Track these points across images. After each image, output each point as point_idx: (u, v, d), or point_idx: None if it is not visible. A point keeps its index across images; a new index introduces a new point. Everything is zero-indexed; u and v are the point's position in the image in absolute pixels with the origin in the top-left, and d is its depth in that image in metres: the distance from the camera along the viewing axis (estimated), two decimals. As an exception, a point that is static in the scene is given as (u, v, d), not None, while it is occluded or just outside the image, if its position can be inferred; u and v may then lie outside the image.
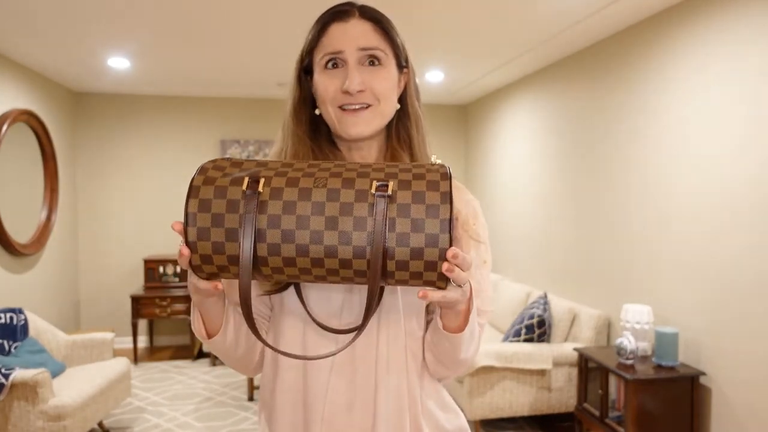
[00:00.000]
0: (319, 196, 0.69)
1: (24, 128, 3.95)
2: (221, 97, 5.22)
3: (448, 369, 0.91)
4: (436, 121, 5.62)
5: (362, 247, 0.67)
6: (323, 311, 0.87)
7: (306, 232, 0.68)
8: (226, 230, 0.69)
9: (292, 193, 0.69)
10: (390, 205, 0.68)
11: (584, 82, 3.55)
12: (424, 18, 3.01)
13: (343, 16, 0.87)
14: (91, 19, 2.99)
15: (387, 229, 0.67)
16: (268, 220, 0.68)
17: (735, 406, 2.44)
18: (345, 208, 0.68)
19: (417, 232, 0.67)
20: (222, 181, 0.71)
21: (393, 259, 0.67)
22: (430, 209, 0.67)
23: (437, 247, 0.67)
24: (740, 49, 2.39)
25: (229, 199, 0.70)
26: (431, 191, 0.68)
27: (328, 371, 0.87)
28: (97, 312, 5.07)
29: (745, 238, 2.36)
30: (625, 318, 2.81)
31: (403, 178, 0.70)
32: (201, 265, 0.71)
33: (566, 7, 2.82)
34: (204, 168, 0.73)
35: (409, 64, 0.93)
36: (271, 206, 0.69)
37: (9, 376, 2.59)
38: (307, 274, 0.70)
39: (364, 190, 0.69)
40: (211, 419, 3.47)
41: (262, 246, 0.68)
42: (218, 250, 0.69)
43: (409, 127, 0.93)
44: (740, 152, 2.39)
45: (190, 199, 0.70)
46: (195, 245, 0.69)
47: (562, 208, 3.83)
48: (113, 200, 5.07)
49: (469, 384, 3.02)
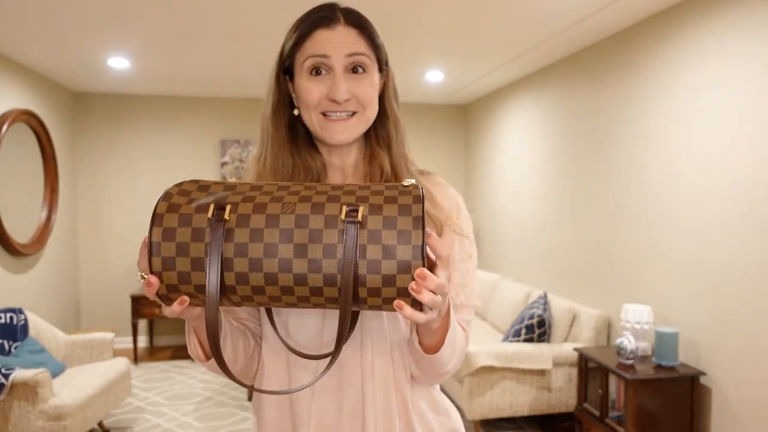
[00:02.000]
0: (287, 223, 0.67)
1: (24, 128, 3.95)
2: (221, 97, 5.22)
3: (434, 380, 0.90)
4: (436, 121, 5.62)
5: (333, 275, 0.66)
6: (302, 337, 0.87)
7: (274, 261, 0.66)
8: (191, 259, 0.67)
9: (259, 220, 0.67)
10: (360, 231, 0.66)
11: (584, 82, 3.55)
12: (424, 18, 3.01)
13: (329, 22, 0.86)
14: (91, 19, 2.99)
15: (357, 256, 0.65)
16: (235, 249, 0.66)
17: (735, 406, 2.44)
18: (314, 235, 0.66)
19: (388, 258, 0.65)
20: (186, 208, 0.69)
21: (365, 286, 0.66)
22: (402, 235, 0.65)
23: (409, 274, 0.65)
24: (741, 49, 2.39)
25: (194, 227, 0.67)
26: (403, 216, 0.66)
27: (310, 393, 0.86)
28: (97, 312, 5.07)
29: (746, 238, 2.36)
30: (625, 318, 2.81)
31: (375, 201, 0.68)
32: (168, 294, 0.69)
33: (566, 7, 2.82)
34: (168, 193, 0.71)
35: (388, 66, 0.93)
36: (238, 234, 0.66)
37: (9, 376, 2.59)
38: (278, 301, 0.69)
39: (333, 215, 0.67)
40: (211, 419, 3.47)
41: (229, 275, 0.66)
42: (184, 280, 0.67)
43: (388, 128, 0.92)
44: (741, 152, 2.39)
45: (153, 227, 0.68)
46: (160, 275, 0.67)
47: (562, 208, 3.83)
48: (113, 200, 5.07)
49: (469, 384, 3.02)
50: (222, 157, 5.20)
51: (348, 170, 0.94)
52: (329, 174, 0.94)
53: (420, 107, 5.49)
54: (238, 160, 5.23)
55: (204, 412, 3.60)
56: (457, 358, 0.87)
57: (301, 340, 0.87)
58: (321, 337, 0.86)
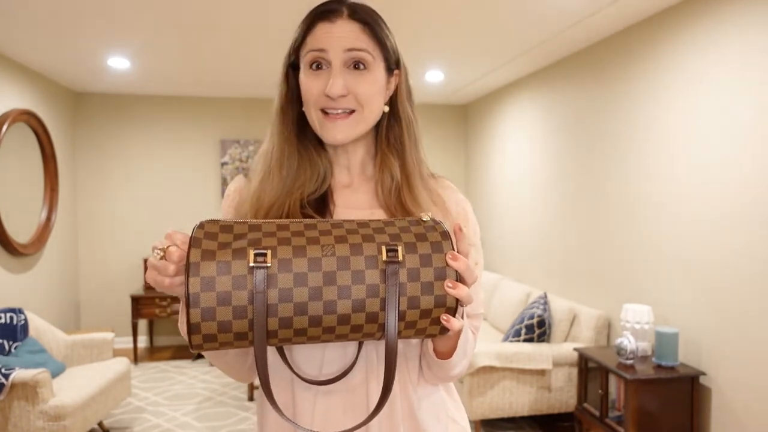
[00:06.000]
0: (330, 266, 0.68)
1: (24, 128, 3.95)
2: (221, 97, 5.22)
3: (442, 381, 0.90)
4: (436, 121, 5.62)
5: (375, 313, 0.69)
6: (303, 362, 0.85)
7: (320, 304, 0.67)
8: (233, 308, 0.65)
9: (302, 264, 0.67)
10: (400, 269, 0.69)
11: (584, 82, 3.55)
12: (424, 18, 3.01)
13: (331, 15, 0.83)
14: (91, 19, 2.99)
15: (399, 293, 0.69)
16: (279, 294, 0.66)
17: (735, 406, 2.44)
18: (357, 276, 0.68)
19: (426, 294, 0.70)
20: (222, 255, 0.66)
21: (403, 320, 0.70)
22: (438, 272, 0.70)
23: (445, 306, 0.71)
24: (741, 50, 2.39)
25: (234, 275, 0.65)
26: (436, 254, 0.71)
27: (314, 395, 0.85)
28: (97, 312, 5.07)
29: (746, 238, 2.36)
30: (625, 318, 2.81)
31: (407, 240, 0.71)
32: (202, 344, 0.67)
33: (566, 7, 2.82)
34: (196, 239, 0.67)
35: (401, 66, 0.91)
36: (281, 280, 0.66)
37: (9, 376, 2.59)
38: (315, 339, 0.70)
39: (373, 255, 0.69)
40: (211, 419, 3.47)
41: (273, 320, 0.66)
42: (225, 329, 0.66)
43: (399, 132, 0.90)
44: (740, 152, 2.39)
45: (190, 278, 0.65)
46: (198, 326, 0.65)
47: (562, 208, 3.83)
48: (113, 200, 5.07)
49: (469, 384, 3.02)
50: (222, 157, 5.20)
51: (354, 169, 0.93)
52: (335, 172, 0.92)
53: (420, 107, 5.44)
54: (238, 160, 5.23)
55: (204, 412, 3.60)
56: (466, 362, 0.87)
57: (303, 366, 0.85)
58: (321, 367, 0.85)
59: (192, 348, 0.67)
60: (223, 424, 3.41)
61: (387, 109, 0.90)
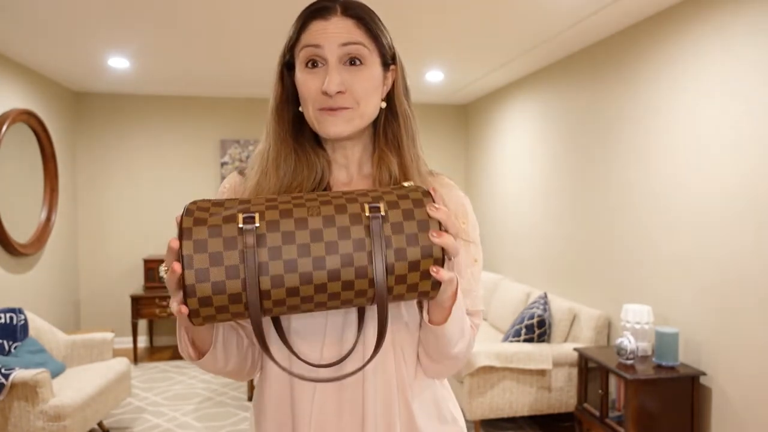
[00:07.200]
0: (316, 224, 0.71)
1: (24, 128, 3.95)
2: (221, 97, 5.22)
3: (443, 367, 0.89)
4: (436, 121, 5.62)
5: (364, 266, 0.70)
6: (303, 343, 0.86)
7: (308, 260, 0.69)
8: (226, 268, 0.68)
9: (289, 224, 0.70)
10: (384, 224, 0.72)
11: (584, 82, 3.55)
12: (424, 18, 3.01)
13: (325, 13, 0.83)
14: (91, 19, 2.99)
15: (385, 246, 0.71)
16: (269, 253, 0.68)
17: (735, 406, 2.44)
18: (343, 232, 0.71)
19: (412, 246, 0.72)
20: (213, 219, 0.70)
21: (393, 274, 0.71)
22: (421, 224, 0.73)
23: (432, 257, 0.72)
24: (740, 49, 2.39)
25: (225, 236, 0.69)
26: (418, 208, 0.74)
27: (312, 392, 0.85)
28: (97, 312, 5.07)
29: (746, 238, 2.36)
30: (625, 318, 2.81)
31: (389, 199, 0.74)
32: (198, 308, 0.69)
33: (566, 7, 2.82)
34: (189, 210, 0.71)
35: (397, 62, 0.90)
36: (270, 238, 0.69)
37: (9, 376, 2.59)
38: (308, 302, 0.71)
39: (357, 213, 0.72)
40: (211, 419, 3.47)
41: (265, 279, 0.68)
42: (219, 290, 0.68)
43: (397, 128, 0.90)
44: (741, 151, 2.39)
45: (183, 241, 0.68)
46: (193, 288, 0.67)
47: (562, 207, 3.83)
48: (113, 200, 5.07)
49: (469, 384, 3.02)
50: (222, 157, 5.20)
51: (353, 168, 0.92)
52: (333, 171, 0.92)
53: (420, 107, 5.49)
54: (238, 160, 5.22)
55: (204, 412, 3.60)
56: (465, 344, 0.87)
57: (302, 347, 0.85)
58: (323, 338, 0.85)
59: (190, 317, 0.69)
60: (222, 424, 3.41)
61: (384, 105, 0.90)
